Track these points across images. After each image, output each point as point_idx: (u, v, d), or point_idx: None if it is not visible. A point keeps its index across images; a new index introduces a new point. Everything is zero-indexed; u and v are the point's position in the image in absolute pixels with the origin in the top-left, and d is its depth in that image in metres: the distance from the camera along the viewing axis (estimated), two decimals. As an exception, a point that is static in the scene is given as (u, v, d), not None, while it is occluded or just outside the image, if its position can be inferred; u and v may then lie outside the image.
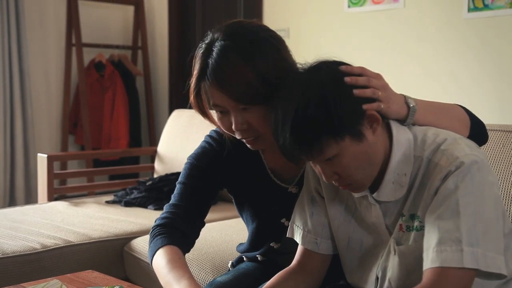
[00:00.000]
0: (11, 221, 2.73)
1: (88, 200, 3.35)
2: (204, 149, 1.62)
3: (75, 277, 1.76)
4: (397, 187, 1.26)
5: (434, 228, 1.18)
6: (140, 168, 4.19)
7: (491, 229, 1.17)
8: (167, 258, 1.44)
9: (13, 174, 4.50)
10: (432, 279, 1.14)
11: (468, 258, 1.13)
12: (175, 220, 1.54)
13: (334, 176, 1.23)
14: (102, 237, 2.56)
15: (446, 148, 1.22)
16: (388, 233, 1.31)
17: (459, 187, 1.17)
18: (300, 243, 1.44)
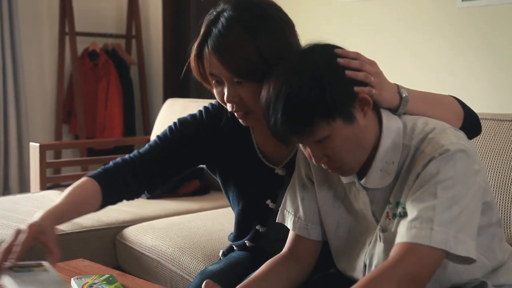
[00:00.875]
0: (3, 210, 2.73)
1: (80, 189, 3.33)
2: (193, 118, 1.63)
3: (65, 265, 1.76)
4: (384, 175, 1.26)
5: (410, 208, 1.18)
6: (134, 157, 4.17)
7: (466, 215, 1.16)
8: (75, 186, 1.54)
9: (7, 164, 4.48)
10: (399, 253, 1.14)
11: (437, 238, 1.12)
12: (125, 166, 1.59)
13: (324, 158, 1.23)
14: (94, 226, 2.56)
15: (433, 136, 1.22)
16: (374, 220, 1.31)
17: (440, 171, 1.17)
18: (291, 229, 1.43)
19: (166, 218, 2.66)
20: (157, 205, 2.92)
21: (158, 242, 2.35)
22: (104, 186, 1.55)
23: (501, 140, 1.86)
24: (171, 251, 2.27)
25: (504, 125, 1.88)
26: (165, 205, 2.93)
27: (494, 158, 1.85)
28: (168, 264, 2.26)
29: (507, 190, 1.81)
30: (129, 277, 1.64)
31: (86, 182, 1.54)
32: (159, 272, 2.31)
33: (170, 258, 2.26)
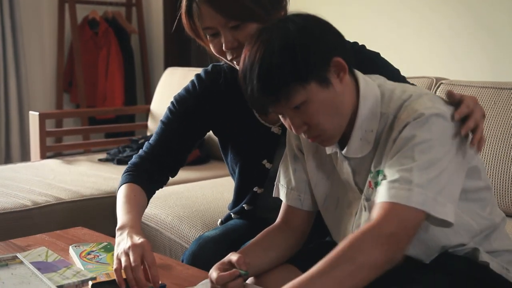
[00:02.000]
0: (3, 179, 2.74)
1: (81, 158, 3.35)
2: (187, 92, 1.64)
3: (64, 233, 1.77)
4: (364, 143, 1.26)
5: (389, 171, 1.17)
6: (135, 127, 4.18)
7: (445, 177, 1.15)
8: (124, 193, 1.54)
9: (8, 133, 4.48)
10: (379, 214, 1.13)
11: (416, 198, 1.12)
12: (145, 161, 1.62)
13: (303, 126, 1.22)
14: (94, 195, 2.57)
15: (408, 103, 1.22)
16: (358, 189, 1.31)
17: (415, 135, 1.16)
18: (284, 200, 1.44)
19: (166, 187, 2.63)
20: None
21: (157, 211, 2.35)
22: (145, 188, 1.59)
23: (501, 108, 1.85)
24: (170, 219, 2.28)
25: (503, 94, 1.87)
26: (165, 174, 2.93)
27: (494, 126, 1.84)
28: (167, 233, 2.27)
29: (506, 157, 1.81)
30: (126, 245, 1.65)
31: (135, 188, 1.57)
32: (159, 241, 2.32)
33: (169, 227, 2.28)
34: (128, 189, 1.56)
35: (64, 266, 1.32)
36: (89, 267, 1.41)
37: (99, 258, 1.48)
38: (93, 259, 1.47)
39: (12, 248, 1.61)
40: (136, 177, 1.58)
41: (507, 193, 1.83)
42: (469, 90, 1.94)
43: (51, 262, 1.36)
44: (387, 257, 1.11)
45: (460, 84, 1.99)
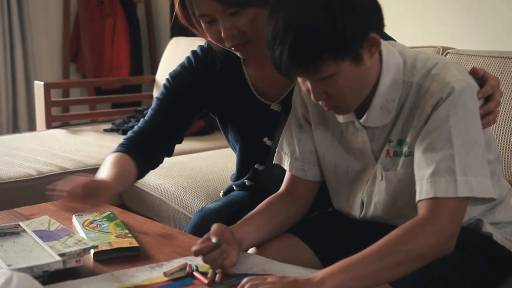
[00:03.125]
0: (8, 148, 2.75)
1: (86, 128, 3.36)
2: (184, 68, 1.60)
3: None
4: (384, 113, 1.24)
5: (426, 158, 1.17)
6: (141, 97, 4.17)
7: (481, 155, 1.17)
8: (112, 159, 1.53)
9: (15, 103, 4.49)
10: (427, 210, 1.14)
11: (462, 187, 1.13)
12: (140, 138, 1.58)
13: (324, 96, 1.20)
14: (98, 165, 2.52)
15: (436, 72, 1.19)
16: (374, 158, 1.30)
17: (450, 116, 1.15)
18: (287, 169, 1.43)
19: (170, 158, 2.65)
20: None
21: (161, 181, 2.36)
22: (137, 161, 1.55)
23: (507, 78, 1.83)
24: (174, 190, 2.29)
25: (511, 63, 1.84)
26: (169, 145, 2.93)
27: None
28: (171, 203, 2.28)
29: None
30: (129, 214, 1.65)
31: (120, 156, 1.54)
32: (163, 210, 2.33)
33: (173, 197, 2.28)
34: (115, 157, 1.53)
35: (66, 234, 1.33)
36: (92, 235, 1.41)
37: (102, 227, 1.48)
38: (95, 228, 1.47)
39: (16, 216, 1.62)
40: (128, 149, 1.55)
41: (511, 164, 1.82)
42: (476, 59, 1.91)
43: (53, 231, 1.36)
44: (441, 252, 1.13)
45: (467, 54, 1.97)
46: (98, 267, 1.28)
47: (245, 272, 1.23)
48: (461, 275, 1.25)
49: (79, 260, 1.24)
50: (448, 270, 1.23)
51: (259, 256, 1.34)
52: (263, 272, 1.23)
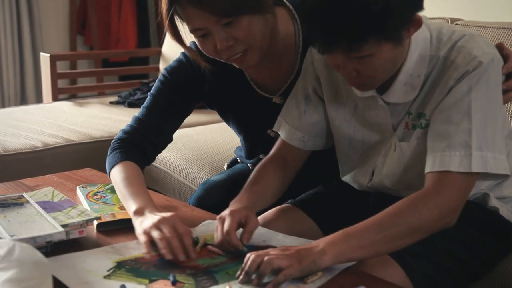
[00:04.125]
0: (15, 120, 2.75)
1: (92, 100, 3.35)
2: (180, 63, 1.53)
3: (72, 174, 1.79)
4: (408, 89, 1.21)
5: (443, 130, 1.15)
6: (148, 69, 4.15)
7: (499, 131, 1.16)
8: (125, 174, 1.41)
9: (23, 75, 4.49)
10: (434, 183, 1.13)
11: (477, 163, 1.12)
12: (135, 136, 1.50)
13: (354, 73, 1.15)
14: (104, 137, 2.57)
15: (463, 45, 1.17)
16: (393, 131, 1.28)
17: (472, 89, 1.13)
18: (285, 139, 1.40)
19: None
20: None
21: (166, 154, 2.36)
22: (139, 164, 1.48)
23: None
24: (179, 162, 2.29)
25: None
26: (175, 117, 2.92)
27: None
28: (175, 175, 2.28)
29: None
30: (133, 186, 1.65)
31: (132, 166, 1.44)
32: (167, 183, 2.33)
33: (178, 169, 2.28)
34: (127, 168, 1.43)
35: (69, 206, 1.33)
36: (95, 207, 1.42)
37: (106, 199, 1.49)
38: (99, 200, 1.48)
39: (21, 187, 1.63)
40: (128, 154, 1.46)
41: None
42: (485, 31, 1.88)
43: (56, 202, 1.37)
44: (443, 225, 1.13)
45: (476, 25, 1.93)
46: (101, 238, 1.29)
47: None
48: (466, 249, 1.25)
49: (82, 231, 1.25)
50: (453, 244, 1.23)
51: (259, 227, 1.33)
52: (263, 243, 1.23)
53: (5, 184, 1.66)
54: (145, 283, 1.06)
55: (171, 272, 1.10)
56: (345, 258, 1.09)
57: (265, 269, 1.04)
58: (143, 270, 1.12)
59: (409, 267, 1.18)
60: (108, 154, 1.50)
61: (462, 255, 1.24)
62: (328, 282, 1.06)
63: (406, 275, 1.18)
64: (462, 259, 1.24)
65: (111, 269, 1.12)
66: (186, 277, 1.08)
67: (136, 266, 1.13)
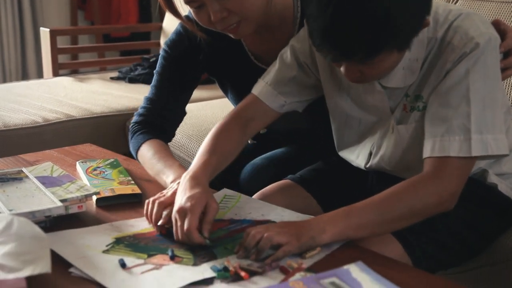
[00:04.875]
0: (15, 95, 2.75)
1: (93, 76, 3.34)
2: (178, 35, 1.53)
3: (72, 149, 1.78)
4: (407, 73, 1.20)
5: (441, 114, 1.14)
6: (149, 44, 4.13)
7: (498, 111, 1.15)
8: (153, 150, 1.43)
9: (24, 50, 4.47)
10: (434, 168, 1.13)
11: (477, 147, 1.11)
12: (150, 116, 1.52)
13: (358, 74, 1.13)
14: (104, 112, 2.57)
15: (459, 24, 1.15)
16: (391, 113, 1.27)
17: (470, 72, 1.12)
18: (266, 102, 1.36)
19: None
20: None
21: (167, 129, 2.35)
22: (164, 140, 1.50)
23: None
24: (180, 138, 2.28)
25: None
26: (176, 93, 2.91)
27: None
28: (176, 151, 2.28)
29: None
30: (133, 161, 1.65)
31: (158, 142, 1.46)
32: (168, 158, 2.33)
33: (178, 145, 2.28)
34: (155, 144, 1.44)
35: (68, 181, 1.33)
36: (95, 182, 1.42)
37: (105, 174, 1.48)
38: (99, 175, 1.48)
39: (21, 163, 1.62)
40: (149, 133, 1.48)
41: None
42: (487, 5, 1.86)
43: (55, 177, 1.36)
44: (443, 209, 1.13)
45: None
46: (101, 213, 1.29)
47: (244, 218, 1.23)
48: (465, 225, 1.25)
49: (81, 206, 1.25)
50: (452, 220, 1.23)
51: (258, 201, 1.34)
52: (261, 218, 1.23)
53: (5, 159, 1.65)
54: (144, 257, 1.07)
55: (169, 247, 1.10)
56: (344, 236, 1.09)
57: (264, 245, 1.04)
58: (142, 245, 1.12)
59: (408, 243, 1.18)
60: (130, 139, 1.52)
61: (461, 230, 1.24)
62: (326, 257, 1.06)
63: (404, 250, 1.18)
64: (461, 234, 1.24)
65: (109, 244, 1.12)
66: (184, 252, 1.09)
67: (135, 242, 1.14)
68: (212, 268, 1.01)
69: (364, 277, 0.88)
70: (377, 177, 1.37)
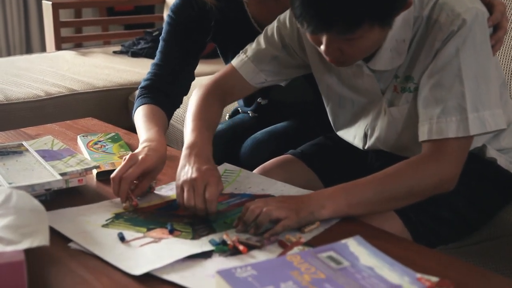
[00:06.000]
0: (18, 69, 2.74)
1: (96, 50, 3.33)
2: (183, 0, 1.53)
3: (74, 123, 1.78)
4: (394, 55, 1.18)
5: (435, 96, 1.13)
6: (153, 18, 4.09)
7: (493, 86, 1.14)
8: (143, 112, 1.44)
9: (27, 24, 4.45)
10: (433, 149, 1.12)
11: (474, 125, 1.11)
12: (157, 82, 1.52)
13: (337, 52, 1.11)
14: (107, 86, 2.56)
15: (445, 1, 1.13)
16: (382, 94, 1.26)
17: (460, 50, 1.11)
18: (246, 77, 1.36)
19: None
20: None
21: (169, 103, 2.34)
22: (165, 108, 1.49)
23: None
24: (182, 112, 2.28)
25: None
26: (179, 67, 2.90)
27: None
28: (178, 125, 2.28)
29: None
30: (134, 136, 1.65)
31: (153, 107, 1.45)
32: (171, 133, 2.33)
33: (180, 120, 2.27)
34: (148, 108, 1.45)
35: (68, 154, 1.33)
36: (95, 156, 1.42)
37: (106, 148, 1.48)
38: (99, 149, 1.48)
39: (22, 136, 1.62)
40: (150, 98, 1.48)
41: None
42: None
43: (56, 151, 1.36)
44: (443, 190, 1.14)
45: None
46: (101, 187, 1.29)
47: (244, 192, 1.23)
48: (464, 200, 1.25)
49: (81, 179, 1.25)
50: (453, 196, 1.22)
51: (258, 175, 1.34)
52: (261, 192, 1.23)
53: (6, 133, 1.65)
54: (143, 231, 1.07)
55: (169, 221, 1.10)
56: (343, 213, 1.09)
57: (263, 220, 1.04)
58: (141, 219, 1.12)
59: (408, 218, 1.19)
60: (134, 102, 1.53)
61: (461, 205, 1.24)
62: (325, 231, 1.06)
63: (404, 225, 1.18)
64: (460, 209, 1.24)
65: (109, 219, 1.12)
66: (183, 226, 1.09)
67: (134, 216, 1.14)
68: (210, 242, 1.01)
69: (361, 251, 0.88)
70: (376, 154, 1.36)
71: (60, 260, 0.97)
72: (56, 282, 0.91)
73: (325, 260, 0.86)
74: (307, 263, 0.85)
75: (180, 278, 0.90)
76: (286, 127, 1.62)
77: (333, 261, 0.86)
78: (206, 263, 0.95)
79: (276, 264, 0.85)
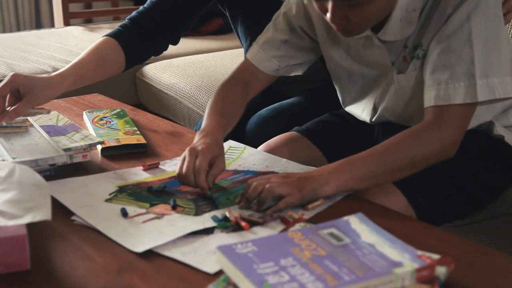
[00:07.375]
0: (25, 44, 2.74)
1: (104, 25, 3.32)
2: None
3: (80, 99, 1.78)
4: (404, 25, 1.15)
5: (443, 60, 1.11)
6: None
7: (503, 53, 1.12)
8: (90, 47, 1.46)
9: (37, -1, 4.45)
10: (436, 116, 1.11)
11: (483, 91, 1.09)
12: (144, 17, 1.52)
13: (344, 20, 1.09)
14: (114, 62, 2.54)
15: None
16: (392, 66, 1.24)
17: (471, 15, 1.09)
18: (258, 66, 1.35)
19: (186, 57, 2.63)
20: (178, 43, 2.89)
21: (176, 80, 2.34)
22: (124, 43, 1.48)
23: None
24: (189, 89, 2.28)
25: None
26: (186, 44, 2.88)
27: None
28: (185, 102, 2.28)
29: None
30: (140, 111, 1.65)
31: (104, 41, 1.47)
32: (178, 110, 2.33)
33: (187, 96, 2.27)
34: (100, 42, 1.46)
35: (73, 130, 1.33)
36: (100, 132, 1.42)
37: (111, 124, 1.48)
38: (105, 125, 1.48)
39: (28, 112, 1.62)
40: (122, 33, 1.47)
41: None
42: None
43: (61, 126, 1.36)
44: (444, 157, 1.12)
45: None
46: (105, 163, 1.29)
47: (248, 169, 1.23)
48: (470, 177, 1.24)
49: (86, 155, 1.25)
50: (457, 172, 1.22)
51: (263, 152, 1.33)
52: (266, 169, 1.23)
53: (13, 108, 1.65)
54: (146, 207, 1.07)
55: (172, 197, 1.10)
56: (347, 188, 1.09)
57: (265, 196, 1.03)
58: (145, 195, 1.12)
59: (412, 194, 1.18)
60: None
61: (466, 183, 1.23)
62: (328, 209, 1.06)
63: (409, 203, 1.18)
64: (465, 187, 1.23)
65: (112, 193, 1.12)
66: (186, 202, 1.09)
67: (138, 191, 1.14)
68: (213, 218, 1.01)
69: (363, 228, 0.88)
70: (382, 129, 1.35)
71: (62, 235, 0.98)
72: (59, 257, 0.92)
73: (326, 236, 0.85)
74: (308, 240, 0.84)
75: (182, 255, 0.91)
76: (292, 104, 1.61)
77: (334, 238, 0.85)
78: (208, 239, 0.95)
79: (276, 240, 0.85)
